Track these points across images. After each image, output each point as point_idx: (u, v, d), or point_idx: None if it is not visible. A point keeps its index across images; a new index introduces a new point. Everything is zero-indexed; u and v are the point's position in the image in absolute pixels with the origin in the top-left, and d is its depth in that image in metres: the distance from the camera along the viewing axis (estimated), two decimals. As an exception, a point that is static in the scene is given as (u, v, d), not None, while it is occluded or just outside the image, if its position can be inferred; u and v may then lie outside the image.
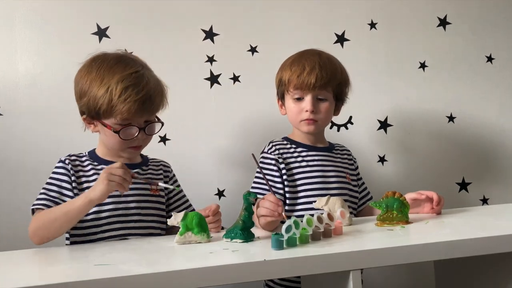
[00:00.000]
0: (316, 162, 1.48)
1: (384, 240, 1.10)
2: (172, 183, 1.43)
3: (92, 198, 1.17)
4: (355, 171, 1.58)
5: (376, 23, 1.88)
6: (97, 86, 1.26)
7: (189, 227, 1.13)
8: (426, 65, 1.91)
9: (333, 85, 1.47)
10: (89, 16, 1.68)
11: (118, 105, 1.24)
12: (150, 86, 1.28)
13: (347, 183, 1.50)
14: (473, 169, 1.95)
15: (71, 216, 1.19)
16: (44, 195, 1.28)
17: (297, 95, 1.46)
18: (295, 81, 1.44)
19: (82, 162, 1.35)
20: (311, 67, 1.43)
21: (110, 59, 1.30)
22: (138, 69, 1.29)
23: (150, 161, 1.43)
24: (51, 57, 1.66)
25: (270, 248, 1.02)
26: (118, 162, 1.21)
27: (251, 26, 1.79)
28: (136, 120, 1.29)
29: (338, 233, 1.15)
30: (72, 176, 1.30)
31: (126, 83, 1.25)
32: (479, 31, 1.96)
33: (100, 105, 1.26)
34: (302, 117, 1.46)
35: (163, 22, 1.73)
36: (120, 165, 1.19)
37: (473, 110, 1.95)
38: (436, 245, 1.03)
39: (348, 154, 1.59)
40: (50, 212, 1.22)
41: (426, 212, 1.38)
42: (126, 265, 0.98)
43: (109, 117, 1.27)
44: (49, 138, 1.65)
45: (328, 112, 1.48)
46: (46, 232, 1.20)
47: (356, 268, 0.97)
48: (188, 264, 0.95)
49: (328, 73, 1.44)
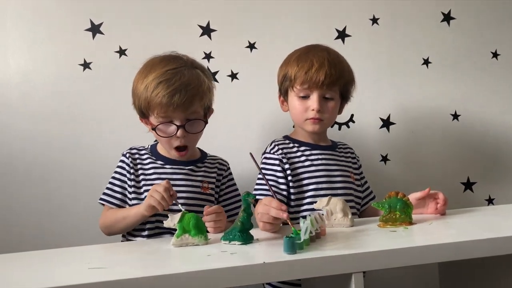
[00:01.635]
0: (320, 161, 1.48)
1: (386, 242, 1.10)
2: (226, 182, 1.48)
3: (142, 210, 1.30)
4: (359, 170, 1.58)
5: (378, 18, 1.87)
6: (140, 85, 1.36)
7: (186, 229, 1.13)
8: (429, 61, 1.91)
9: (340, 84, 1.46)
10: (82, 11, 1.68)
11: (152, 101, 1.32)
12: (182, 81, 1.33)
13: (352, 183, 1.50)
14: (479, 168, 1.95)
15: (128, 221, 1.34)
16: (109, 191, 1.41)
17: (303, 92, 1.44)
18: (303, 77, 1.42)
19: (142, 155, 1.44)
20: (320, 64, 1.42)
21: (156, 59, 1.39)
22: (176, 66, 1.36)
23: (207, 158, 1.48)
24: (44, 54, 1.66)
25: (269, 250, 1.02)
26: (164, 182, 1.28)
27: (249, 22, 1.79)
28: (175, 117, 1.35)
29: (322, 234, 1.15)
30: (131, 169, 1.41)
31: (160, 79, 1.33)
32: (484, 26, 1.95)
33: (141, 103, 1.36)
34: (307, 116, 1.45)
35: (159, 17, 1.73)
36: (165, 183, 1.27)
37: (478, 107, 1.94)
38: (440, 246, 1.03)
39: (351, 152, 1.59)
40: (114, 214, 1.37)
41: (430, 213, 1.38)
42: (121, 268, 0.98)
43: (150, 115, 1.36)
44: (42, 137, 1.65)
45: (334, 111, 1.48)
46: (112, 229, 1.38)
47: (358, 271, 0.97)
48: (185, 267, 0.95)
49: (337, 71, 1.43)
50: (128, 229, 1.38)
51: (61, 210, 1.66)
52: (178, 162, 1.43)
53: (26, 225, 1.63)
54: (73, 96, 1.67)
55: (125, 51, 1.70)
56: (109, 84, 1.68)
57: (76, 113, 1.67)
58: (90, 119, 1.68)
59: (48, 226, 1.64)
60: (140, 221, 1.34)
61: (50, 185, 1.65)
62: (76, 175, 1.66)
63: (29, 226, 1.63)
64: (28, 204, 1.64)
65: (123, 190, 1.41)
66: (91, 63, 1.68)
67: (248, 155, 1.26)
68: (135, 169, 1.41)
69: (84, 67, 1.68)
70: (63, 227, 1.65)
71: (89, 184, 1.65)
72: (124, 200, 1.40)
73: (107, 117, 1.68)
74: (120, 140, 1.66)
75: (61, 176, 1.66)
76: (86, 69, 1.68)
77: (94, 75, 1.68)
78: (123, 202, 1.40)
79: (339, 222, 1.27)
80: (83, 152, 1.67)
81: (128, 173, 1.41)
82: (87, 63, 1.68)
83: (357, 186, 1.53)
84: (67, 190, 1.66)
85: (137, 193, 1.39)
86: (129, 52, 1.69)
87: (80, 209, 1.65)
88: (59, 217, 1.65)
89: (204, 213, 1.25)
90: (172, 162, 1.43)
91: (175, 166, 1.42)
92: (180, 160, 1.42)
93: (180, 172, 1.41)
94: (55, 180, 1.65)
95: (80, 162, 1.66)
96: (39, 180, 1.64)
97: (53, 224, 1.65)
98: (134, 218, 1.33)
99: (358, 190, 1.52)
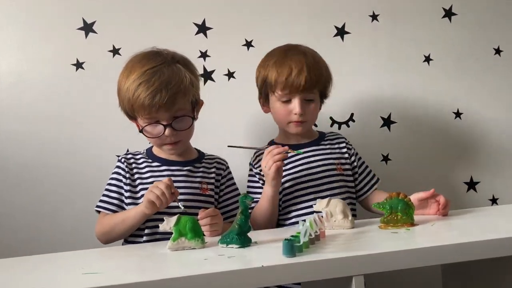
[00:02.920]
0: (301, 161, 1.51)
1: (388, 244, 1.10)
2: (226, 182, 1.49)
3: (142, 207, 1.29)
4: (350, 158, 1.58)
5: (378, 15, 1.87)
6: (123, 87, 1.36)
7: (182, 233, 1.12)
8: (431, 58, 1.91)
9: (320, 86, 1.51)
10: (74, 10, 1.67)
11: (135, 103, 1.32)
12: (162, 80, 1.32)
13: (338, 175, 1.52)
14: (482, 168, 1.95)
15: (127, 224, 1.32)
16: (106, 197, 1.40)
17: (284, 97, 1.49)
18: (283, 83, 1.47)
19: (137, 160, 1.44)
20: (299, 69, 1.46)
21: (136, 58, 1.38)
22: (155, 64, 1.34)
23: (205, 158, 1.48)
24: (35, 54, 1.66)
25: (268, 253, 1.02)
26: (166, 179, 1.28)
27: (246, 19, 1.79)
28: (160, 117, 1.34)
29: (322, 236, 1.15)
30: (126, 174, 1.41)
31: (139, 80, 1.32)
32: (487, 22, 1.95)
33: (125, 105, 1.36)
34: (290, 119, 1.50)
35: (153, 15, 1.72)
36: (166, 180, 1.27)
37: (481, 105, 1.94)
38: (443, 248, 1.02)
39: (341, 142, 1.60)
40: (111, 218, 1.35)
41: (432, 214, 1.38)
42: (116, 273, 0.98)
43: (137, 116, 1.37)
44: (34, 139, 1.64)
45: (315, 111, 1.54)
46: (109, 236, 1.35)
47: (359, 274, 0.97)
48: (182, 271, 0.95)
49: (316, 74, 1.48)
50: (128, 233, 1.36)
51: (54, 214, 1.65)
52: (176, 163, 1.43)
53: (18, 230, 1.63)
54: (66, 97, 1.67)
55: (119, 50, 1.69)
56: (103, 85, 1.68)
57: (69, 115, 1.67)
58: (83, 121, 1.67)
59: (40, 230, 1.64)
60: (141, 221, 1.32)
61: (42, 189, 1.65)
62: (69, 178, 1.66)
63: (22, 230, 1.63)
64: (20, 208, 1.63)
65: (120, 195, 1.40)
66: (84, 63, 1.68)
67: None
68: (131, 174, 1.41)
69: (77, 67, 1.68)
70: (56, 232, 1.64)
71: (83, 187, 1.65)
72: (121, 206, 1.40)
73: (100, 119, 1.68)
74: (114, 142, 1.66)
75: (54, 179, 1.65)
76: (79, 69, 1.68)
77: (87, 75, 1.68)
78: (120, 208, 1.39)
79: (339, 223, 1.26)
80: (76, 154, 1.66)
81: (124, 177, 1.41)
82: (79, 63, 1.68)
83: (347, 176, 1.54)
84: (60, 194, 1.65)
85: (134, 198, 1.39)
86: (123, 51, 1.69)
87: (74, 213, 1.65)
88: (52, 221, 1.65)
89: (199, 217, 1.25)
90: (170, 163, 1.43)
91: (172, 167, 1.42)
92: (178, 160, 1.43)
93: (178, 174, 1.41)
94: (48, 183, 1.65)
95: (73, 165, 1.66)
96: (31, 183, 1.64)
97: (46, 229, 1.64)
98: (134, 219, 1.32)
99: (348, 181, 1.54)
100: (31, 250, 1.27)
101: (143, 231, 1.36)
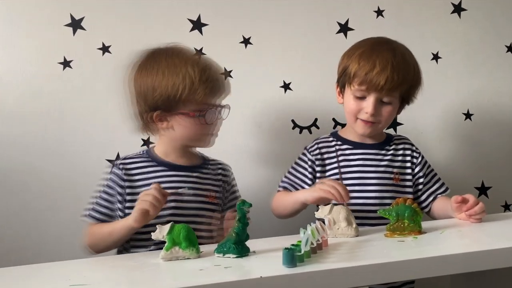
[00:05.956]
0: (357, 162, 1.51)
1: (394, 253, 1.10)
2: (231, 188, 1.51)
3: (130, 221, 1.27)
4: (415, 168, 1.54)
5: (383, 10, 1.88)
6: (171, 75, 1.36)
7: (176, 241, 1.12)
8: (439, 56, 1.92)
9: (402, 89, 1.47)
10: (61, 5, 1.67)
11: (200, 88, 1.36)
12: (213, 69, 1.43)
13: (393, 185, 1.50)
14: (494, 172, 1.95)
15: (114, 237, 1.32)
16: (95, 205, 1.39)
17: (359, 93, 1.46)
18: (362, 78, 1.44)
19: (137, 162, 1.43)
20: (382, 67, 1.42)
21: (168, 49, 1.43)
22: (198, 55, 1.46)
23: (209, 163, 1.49)
24: (20, 52, 1.65)
25: (267, 263, 1.02)
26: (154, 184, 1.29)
27: (244, 15, 1.79)
28: (211, 104, 1.40)
29: (324, 245, 1.15)
30: (125, 182, 1.39)
31: (200, 65, 1.39)
32: (498, 17, 1.96)
33: (180, 92, 1.35)
34: (360, 116, 1.48)
35: (145, 11, 1.72)
36: (155, 185, 1.28)
37: (493, 105, 1.95)
38: (453, 257, 1.03)
39: (407, 148, 1.57)
40: (99, 229, 1.35)
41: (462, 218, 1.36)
42: (105, 285, 0.98)
43: (187, 104, 1.37)
44: (19, 141, 1.64)
45: (390, 115, 1.50)
46: (99, 248, 1.35)
47: (363, 285, 0.97)
48: (175, 283, 0.95)
49: (400, 76, 1.43)
50: (115, 246, 1.36)
51: (39, 222, 1.65)
52: (182, 168, 1.43)
53: (1, 239, 1.62)
54: (53, 97, 1.67)
55: (109, 47, 1.69)
56: (92, 84, 1.68)
57: (56, 116, 1.66)
58: (71, 122, 1.67)
59: (25, 239, 1.64)
60: (128, 235, 1.32)
61: (27, 194, 1.65)
62: (56, 183, 1.66)
63: (4, 239, 1.62)
64: (3, 215, 1.63)
65: (111, 204, 1.39)
66: (72, 61, 1.68)
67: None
68: (132, 180, 1.40)
69: (64, 66, 1.67)
70: (41, 241, 1.64)
71: (71, 193, 1.64)
72: (111, 215, 1.38)
73: (89, 120, 1.68)
74: (104, 145, 1.66)
75: (40, 184, 1.65)
76: (66, 68, 1.68)
77: (75, 74, 1.68)
78: (110, 217, 1.38)
79: (342, 232, 1.26)
80: (63, 157, 1.66)
81: (120, 187, 1.39)
82: (67, 61, 1.67)
83: (403, 188, 1.51)
84: (46, 200, 1.65)
85: None
86: (113, 49, 1.69)
87: (61, 220, 1.65)
88: (38, 229, 1.65)
89: (227, 217, 1.30)
90: (177, 168, 1.43)
91: (181, 173, 1.42)
92: (184, 165, 1.44)
93: (188, 181, 1.42)
94: (33, 188, 1.65)
95: (60, 169, 1.66)
96: (15, 188, 1.64)
97: (30, 237, 1.64)
98: (119, 233, 1.31)
99: (404, 192, 1.51)
100: (15, 261, 1.26)
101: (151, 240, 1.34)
